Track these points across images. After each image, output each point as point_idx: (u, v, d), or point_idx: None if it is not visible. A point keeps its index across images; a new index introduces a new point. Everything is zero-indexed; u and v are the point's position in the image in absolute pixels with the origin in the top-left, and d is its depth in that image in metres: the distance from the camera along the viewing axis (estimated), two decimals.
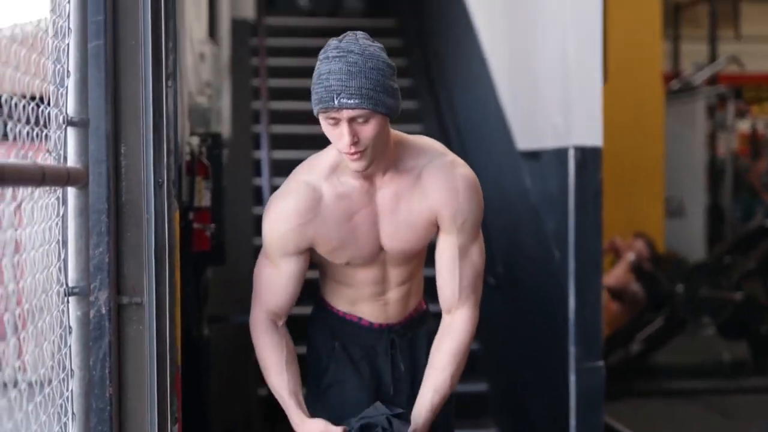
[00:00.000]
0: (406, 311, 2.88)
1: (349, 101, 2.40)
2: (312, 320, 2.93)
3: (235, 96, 7.19)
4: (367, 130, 2.45)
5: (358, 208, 2.63)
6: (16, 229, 1.99)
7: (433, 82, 7.01)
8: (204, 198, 3.80)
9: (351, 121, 2.42)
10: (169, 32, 2.54)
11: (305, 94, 2.73)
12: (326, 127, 2.48)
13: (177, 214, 2.62)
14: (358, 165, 2.50)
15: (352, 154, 2.46)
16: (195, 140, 3.94)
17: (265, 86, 7.03)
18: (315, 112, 2.48)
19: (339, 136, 2.45)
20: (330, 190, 2.61)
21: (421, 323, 2.94)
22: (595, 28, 4.36)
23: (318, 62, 2.49)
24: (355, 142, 2.44)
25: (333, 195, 2.61)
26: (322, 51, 2.49)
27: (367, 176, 2.60)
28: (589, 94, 4.37)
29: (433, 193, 2.64)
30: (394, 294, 2.83)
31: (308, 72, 2.60)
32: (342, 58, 2.44)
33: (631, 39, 8.28)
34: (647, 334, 7.04)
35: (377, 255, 2.72)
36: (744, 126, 11.84)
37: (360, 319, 2.84)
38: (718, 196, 10.57)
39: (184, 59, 4.03)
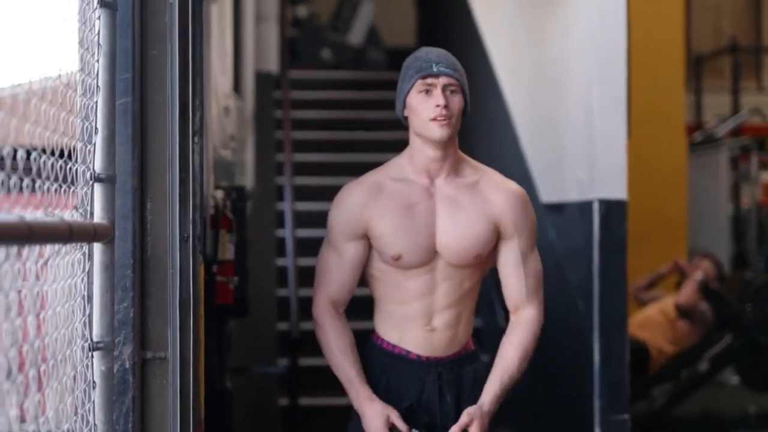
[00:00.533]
0: (453, 345, 2.93)
1: (447, 70, 2.79)
2: (367, 351, 2.98)
3: (259, 148, 7.23)
4: (456, 101, 2.79)
5: (417, 201, 2.84)
6: (41, 286, 2.01)
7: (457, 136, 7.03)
8: (228, 251, 3.82)
9: (444, 89, 2.76)
10: (196, 89, 2.57)
11: (329, 146, 2.84)
12: (417, 99, 2.78)
13: (202, 269, 2.63)
14: (443, 131, 2.76)
15: (442, 118, 2.74)
16: (219, 194, 3.96)
17: (289, 138, 7.07)
18: (408, 86, 2.80)
19: (431, 102, 2.76)
20: (392, 183, 2.86)
21: (469, 362, 2.99)
22: (619, 83, 4.40)
23: (407, 61, 2.87)
24: (445, 106, 2.73)
25: (394, 186, 2.86)
26: (408, 58, 2.89)
27: (430, 174, 2.85)
28: (613, 148, 4.39)
29: (494, 200, 2.87)
30: (441, 319, 2.89)
31: (331, 124, 2.71)
32: (436, 49, 2.88)
33: (655, 91, 8.30)
34: (715, 352, 7.02)
35: (430, 255, 2.83)
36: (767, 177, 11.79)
37: (408, 352, 2.91)
38: (743, 247, 10.51)
39: (209, 113, 4.07)
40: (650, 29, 8.29)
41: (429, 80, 2.77)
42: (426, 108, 2.77)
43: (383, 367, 2.93)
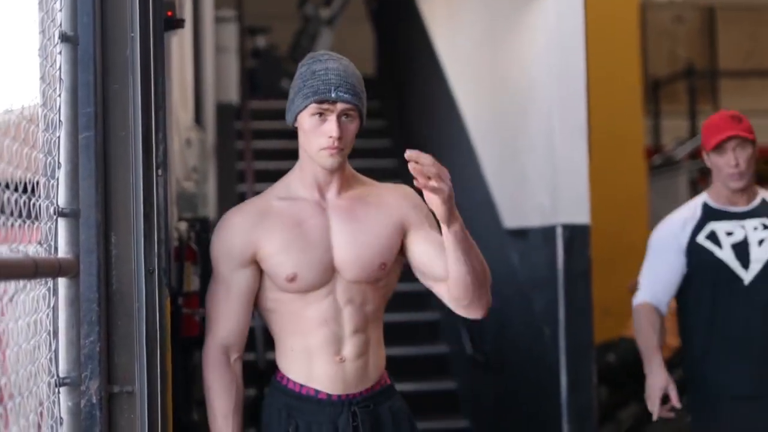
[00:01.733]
0: (366, 378, 2.72)
1: (346, 95, 2.59)
2: (267, 404, 2.77)
3: (221, 179, 7.23)
4: (351, 129, 2.63)
5: (308, 217, 2.67)
6: (6, 322, 1.99)
7: None
8: (193, 283, 3.80)
9: (339, 116, 2.59)
10: (159, 123, 2.57)
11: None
12: (310, 122, 2.60)
13: (168, 302, 2.62)
14: (334, 161, 2.61)
15: (334, 148, 2.58)
16: (183, 225, 3.95)
17: (251, 168, 7.07)
18: (302, 106, 2.60)
19: (325, 130, 2.58)
20: (279, 202, 2.70)
21: (386, 398, 2.77)
22: (580, 110, 4.45)
23: (303, 66, 2.66)
24: (339, 137, 2.57)
25: (282, 205, 2.69)
26: (306, 59, 2.69)
27: (321, 188, 2.69)
28: (575, 173, 4.43)
29: (391, 202, 2.74)
30: (350, 348, 2.67)
31: (292, 154, 2.71)
32: (336, 61, 2.65)
33: (614, 116, 8.37)
34: None
35: (328, 274, 2.65)
36: None
37: (317, 392, 2.68)
38: None
39: (171, 145, 4.06)
40: (607, 55, 8.37)
41: (325, 105, 2.58)
42: (318, 136, 2.60)
43: (290, 411, 2.69)
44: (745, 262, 3.81)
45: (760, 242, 3.82)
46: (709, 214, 3.89)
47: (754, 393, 3.78)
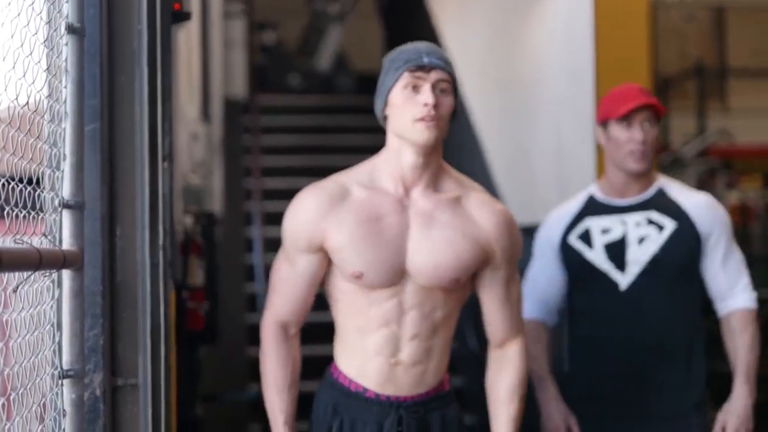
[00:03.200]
0: (421, 384, 2.59)
1: (439, 62, 2.44)
2: (317, 398, 2.69)
3: (227, 174, 7.22)
4: (447, 103, 2.45)
5: (386, 212, 2.49)
6: (10, 314, 1.98)
7: None
8: (197, 277, 3.80)
9: (434, 86, 2.43)
10: (165, 114, 2.56)
11: (297, 171, 2.76)
12: (403, 94, 2.45)
13: (173, 295, 2.61)
14: (429, 134, 2.43)
15: (430, 119, 2.41)
16: (188, 219, 3.95)
17: (258, 164, 7.07)
18: (393, 79, 2.46)
19: (419, 100, 2.43)
20: (360, 190, 2.52)
21: (439, 405, 2.64)
22: (588, 108, 4.42)
23: (390, 55, 2.55)
24: (435, 105, 2.41)
25: (362, 194, 2.52)
26: (390, 52, 2.57)
27: (406, 183, 2.52)
28: (584, 170, 4.41)
29: (482, 222, 2.53)
30: (407, 352, 2.55)
31: (299, 149, 2.65)
32: (423, 42, 2.54)
33: None
34: None
35: (398, 276, 2.50)
36: (733, 197, 11.89)
37: (366, 390, 2.58)
38: None
39: (178, 139, 4.06)
40: (617, 53, 8.34)
41: (418, 74, 2.43)
42: (412, 106, 2.43)
43: (336, 407, 2.61)
44: (620, 263, 3.26)
45: (641, 240, 3.25)
46: (589, 207, 3.37)
47: (632, 416, 3.25)
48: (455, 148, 6.35)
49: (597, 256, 3.28)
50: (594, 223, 3.31)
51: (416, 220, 2.50)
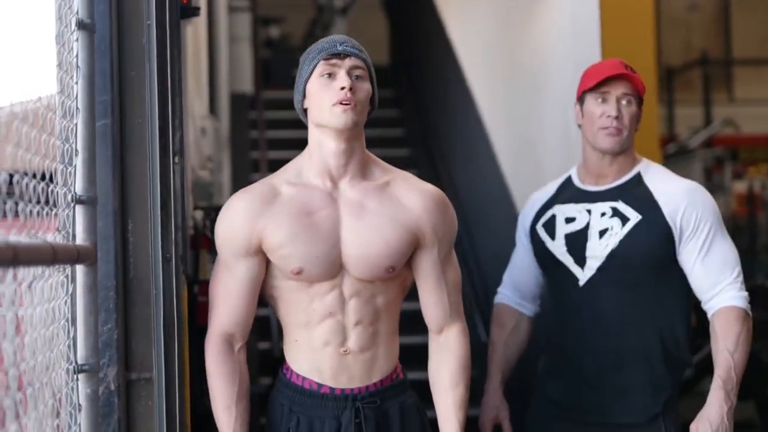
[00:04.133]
0: (373, 372, 2.60)
1: (353, 49, 2.50)
2: (271, 398, 2.69)
3: (235, 168, 7.24)
4: (363, 87, 2.49)
5: (318, 208, 2.51)
6: (25, 309, 2.00)
7: (433, 156, 7.06)
8: (208, 271, 3.80)
9: (349, 72, 2.48)
10: (176, 110, 2.57)
11: None
12: (319, 82, 2.49)
13: (185, 289, 2.62)
14: (347, 117, 2.45)
15: (347, 102, 2.45)
16: (199, 214, 3.96)
17: (265, 158, 7.08)
18: (309, 69, 2.50)
19: (335, 85, 2.47)
20: (289, 188, 2.54)
21: (395, 394, 2.64)
22: None
23: (308, 48, 2.58)
24: (351, 89, 2.45)
25: (292, 191, 2.53)
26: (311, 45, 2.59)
27: (333, 176, 2.54)
28: None
29: (410, 205, 2.55)
30: (354, 338, 2.55)
31: (305, 143, 2.63)
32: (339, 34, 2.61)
33: None
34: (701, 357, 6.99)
35: (335, 269, 2.51)
36: (740, 187, 11.89)
37: (320, 385, 2.58)
38: None
39: (187, 134, 4.07)
40: (621, 44, 8.34)
41: (333, 61, 2.47)
42: (329, 92, 2.46)
43: (291, 407, 2.60)
44: (579, 257, 3.02)
45: (602, 233, 2.99)
46: (561, 192, 3.15)
47: (586, 418, 3.03)
48: (462, 140, 6.36)
49: (557, 247, 3.07)
50: (561, 210, 3.10)
51: (346, 211, 2.53)
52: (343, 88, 2.45)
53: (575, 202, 3.05)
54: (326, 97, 2.47)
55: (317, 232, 2.49)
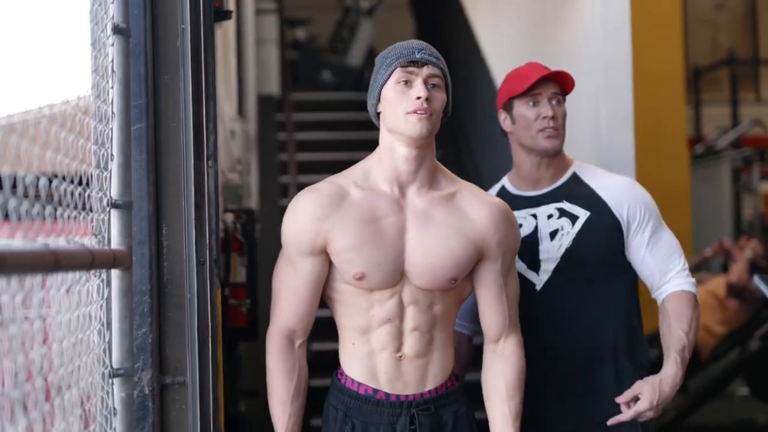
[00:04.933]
0: (427, 379, 2.59)
1: (431, 57, 2.47)
2: (326, 403, 2.69)
3: (263, 170, 7.25)
4: (439, 97, 2.48)
5: (384, 214, 2.49)
6: (62, 314, 2.00)
7: (461, 156, 7.05)
8: (239, 274, 3.81)
9: (426, 81, 2.46)
10: (210, 113, 2.58)
11: (331, 166, 2.70)
12: (395, 89, 2.47)
13: (219, 293, 2.62)
14: (422, 127, 2.44)
15: (422, 112, 2.43)
16: (229, 217, 3.97)
17: (293, 160, 7.09)
18: (386, 75, 2.49)
19: (411, 94, 2.45)
20: (357, 191, 2.52)
21: (449, 402, 2.64)
22: (626, 100, 4.42)
23: (381, 54, 2.56)
24: (428, 98, 2.43)
25: (360, 195, 2.51)
26: (387, 48, 2.57)
27: (401, 183, 2.52)
28: (622, 163, 4.40)
29: (476, 217, 2.55)
30: (410, 344, 2.55)
31: (333, 145, 2.64)
32: (416, 40, 2.56)
33: (656, 105, 8.32)
34: (766, 331, 6.93)
35: (397, 277, 2.51)
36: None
37: (376, 391, 2.57)
38: None
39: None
40: (650, 44, 8.32)
41: (410, 69, 2.46)
42: (405, 100, 2.45)
43: (346, 412, 2.60)
44: (533, 262, 2.98)
45: (553, 235, 2.97)
46: None
47: (558, 425, 2.99)
48: (491, 142, 6.34)
49: None
50: None
51: (413, 220, 2.51)
52: (419, 98, 2.43)
53: (517, 209, 2.95)
54: (402, 105, 2.45)
55: (382, 239, 2.48)
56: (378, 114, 2.56)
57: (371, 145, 2.62)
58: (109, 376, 2.32)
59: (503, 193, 3.06)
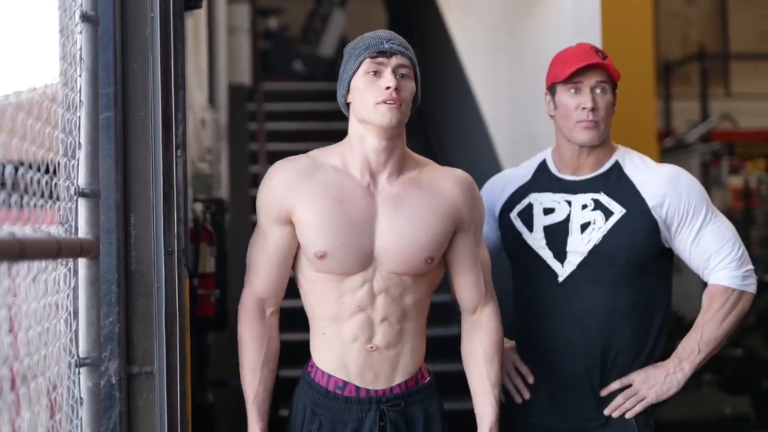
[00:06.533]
0: (398, 372, 2.58)
1: (399, 47, 2.49)
2: (294, 398, 2.67)
3: (233, 160, 7.23)
4: (408, 87, 2.49)
5: (353, 197, 2.51)
6: (29, 303, 1.99)
7: (432, 148, 7.06)
8: (208, 264, 3.81)
9: (395, 71, 2.47)
10: (179, 103, 2.56)
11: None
12: (364, 79, 2.48)
13: (187, 282, 2.62)
14: (392, 116, 2.45)
15: (392, 102, 2.45)
16: (199, 207, 3.95)
17: (263, 150, 7.08)
18: (355, 66, 2.50)
19: (380, 84, 2.47)
20: (331, 171, 2.54)
21: (420, 398, 2.63)
22: None
23: (350, 44, 2.58)
24: (397, 88, 2.45)
25: (332, 175, 2.54)
26: (357, 38, 2.58)
27: (372, 171, 2.53)
28: None
29: (447, 191, 2.58)
30: (381, 335, 2.54)
31: (304, 135, 2.65)
32: (385, 30, 2.58)
33: (626, 99, 8.35)
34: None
35: (365, 261, 2.50)
36: (737, 182, 11.92)
37: (346, 384, 2.56)
38: None
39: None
40: (620, 38, 8.35)
41: (379, 59, 2.47)
42: (373, 90, 2.46)
43: (314, 409, 2.59)
44: (559, 252, 2.87)
45: (584, 227, 2.85)
46: (537, 179, 2.98)
47: (557, 425, 2.89)
48: (462, 134, 6.35)
49: (536, 240, 2.90)
50: (538, 200, 2.93)
51: (385, 205, 2.53)
52: (388, 88, 2.45)
53: (553, 192, 2.91)
54: (371, 95, 2.47)
55: (348, 220, 2.49)
56: (347, 104, 2.57)
57: (342, 135, 2.62)
58: (76, 365, 2.31)
59: (543, 169, 2.98)
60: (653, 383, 2.83)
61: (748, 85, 14.36)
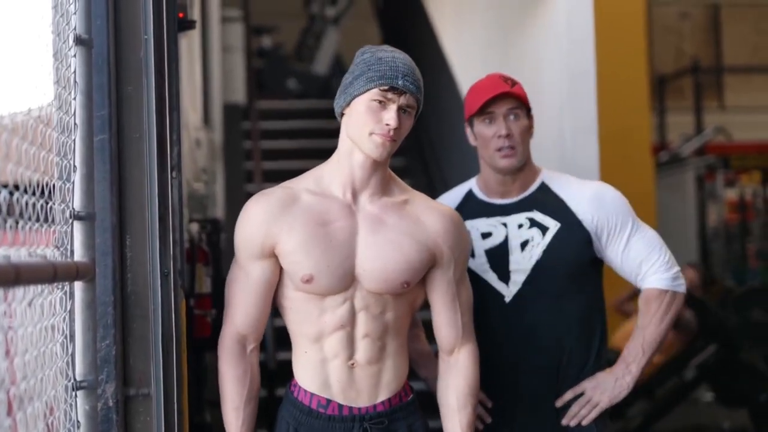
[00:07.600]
0: (380, 389, 2.58)
1: (413, 87, 2.46)
2: (279, 416, 2.66)
3: (229, 179, 7.23)
4: (406, 125, 2.48)
5: (335, 218, 2.50)
6: (26, 326, 1.99)
7: (427, 165, 7.06)
8: (205, 284, 3.80)
9: (399, 109, 2.45)
10: (173, 124, 2.56)
11: (297, 175, 2.68)
12: (368, 107, 2.45)
13: (183, 304, 2.61)
14: (383, 150, 2.46)
15: (388, 137, 2.44)
16: (194, 227, 3.95)
17: (259, 168, 7.08)
18: (363, 89, 2.46)
19: (383, 117, 2.44)
20: (309, 196, 2.53)
21: (403, 416, 2.62)
22: (590, 109, 4.44)
23: (365, 54, 2.52)
24: (396, 128, 2.44)
25: (311, 200, 2.52)
26: (369, 48, 2.55)
27: (355, 189, 2.53)
28: (586, 171, 4.43)
29: (428, 223, 2.56)
30: (362, 351, 2.54)
31: (299, 153, 2.65)
32: (403, 54, 2.52)
33: (621, 112, 8.37)
34: (700, 361, 6.99)
35: (348, 280, 2.50)
36: (732, 195, 11.94)
37: (329, 402, 2.56)
38: (710, 264, 10.61)
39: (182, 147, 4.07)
40: (614, 52, 8.37)
41: (390, 95, 2.44)
42: (373, 120, 2.44)
43: (297, 428, 2.58)
44: (503, 273, 2.94)
45: (524, 245, 2.93)
46: (467, 206, 3.02)
47: None
48: (457, 150, 6.35)
49: (479, 266, 2.96)
50: (472, 226, 2.97)
51: (365, 225, 2.52)
52: (388, 125, 2.44)
53: (487, 216, 2.98)
54: (370, 124, 2.45)
55: (331, 242, 2.48)
56: (342, 114, 2.56)
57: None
58: (73, 388, 2.31)
59: (471, 198, 3.04)
60: (604, 389, 2.92)
61: (742, 98, 14.40)
